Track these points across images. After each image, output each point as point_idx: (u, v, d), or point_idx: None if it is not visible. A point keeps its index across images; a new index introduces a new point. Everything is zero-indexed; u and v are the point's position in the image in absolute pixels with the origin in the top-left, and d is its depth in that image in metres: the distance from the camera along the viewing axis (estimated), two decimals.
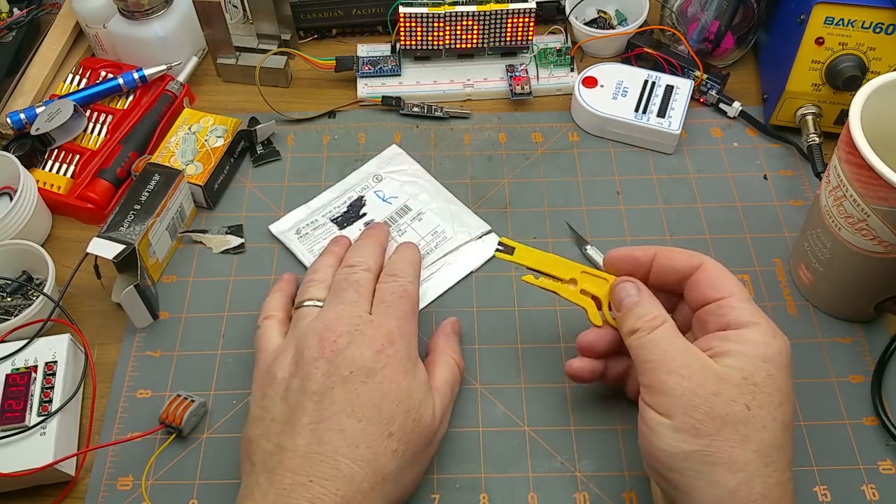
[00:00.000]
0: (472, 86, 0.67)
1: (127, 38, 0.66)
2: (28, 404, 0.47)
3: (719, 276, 0.42)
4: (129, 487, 0.47)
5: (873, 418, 0.48)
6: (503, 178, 0.61)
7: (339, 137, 0.65)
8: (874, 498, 0.45)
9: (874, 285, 0.49)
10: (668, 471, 0.39)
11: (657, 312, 0.42)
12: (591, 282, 0.46)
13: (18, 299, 0.54)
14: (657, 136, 0.62)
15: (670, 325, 0.41)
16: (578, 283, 0.46)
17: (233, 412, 0.49)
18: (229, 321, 0.54)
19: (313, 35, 0.72)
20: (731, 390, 0.38)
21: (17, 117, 0.61)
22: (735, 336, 0.40)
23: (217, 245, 0.58)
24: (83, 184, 0.60)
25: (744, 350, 0.39)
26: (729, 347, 0.39)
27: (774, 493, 0.37)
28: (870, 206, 0.44)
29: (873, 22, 0.55)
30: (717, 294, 0.42)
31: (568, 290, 0.46)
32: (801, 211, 0.58)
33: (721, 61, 0.68)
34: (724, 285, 0.42)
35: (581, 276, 0.46)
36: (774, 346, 0.39)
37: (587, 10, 0.71)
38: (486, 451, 0.48)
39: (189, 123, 0.61)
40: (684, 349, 0.40)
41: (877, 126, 0.44)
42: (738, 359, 0.39)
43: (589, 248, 0.56)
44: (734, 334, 0.40)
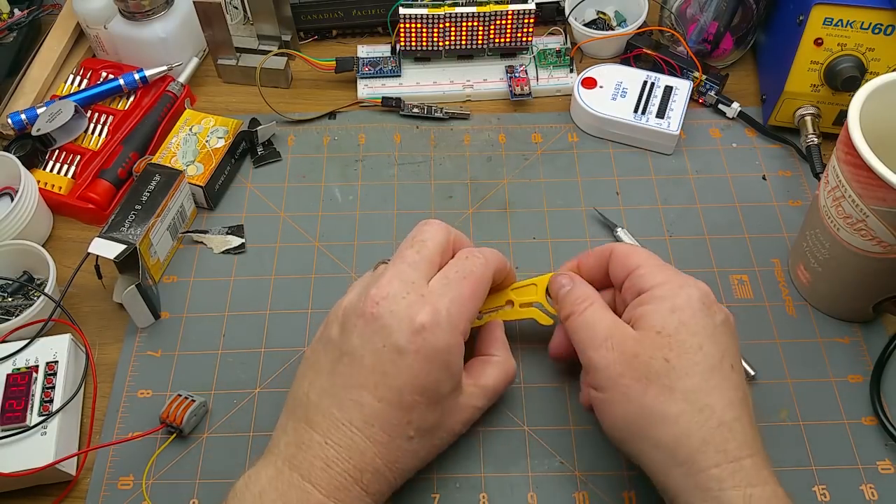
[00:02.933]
0: (471, 86, 0.67)
1: (128, 38, 0.66)
2: (29, 404, 0.47)
3: (627, 255, 0.44)
4: (129, 487, 0.47)
5: (872, 418, 0.48)
6: (503, 178, 0.61)
7: (340, 138, 0.65)
8: (873, 497, 0.45)
9: (873, 285, 0.49)
10: (620, 444, 0.40)
11: (586, 294, 0.44)
12: (524, 293, 0.49)
13: (19, 299, 0.54)
14: (656, 137, 0.62)
15: (598, 303, 0.43)
16: (514, 300, 0.49)
17: (233, 412, 0.50)
18: (230, 321, 0.54)
19: (314, 36, 0.72)
20: (648, 348, 0.39)
21: (18, 118, 0.61)
22: (647, 298, 0.41)
23: (218, 245, 0.58)
24: (84, 184, 0.60)
25: (653, 308, 0.40)
26: (641, 311, 0.41)
27: (717, 436, 0.37)
28: (868, 207, 0.44)
29: (872, 23, 0.55)
30: (626, 270, 0.43)
31: (509, 312, 0.49)
32: (799, 211, 0.58)
33: (720, 62, 0.68)
34: (631, 261, 0.43)
35: (513, 294, 0.49)
36: (682, 295, 0.40)
37: (586, 11, 0.72)
38: (486, 450, 0.48)
39: (190, 124, 0.61)
40: (609, 323, 0.41)
41: (875, 127, 0.44)
42: (649, 317, 0.40)
43: (619, 230, 0.57)
44: (646, 296, 0.41)
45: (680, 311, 0.40)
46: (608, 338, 0.41)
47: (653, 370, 0.38)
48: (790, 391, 0.49)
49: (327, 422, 0.39)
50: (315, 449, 0.39)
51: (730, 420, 0.38)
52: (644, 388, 0.38)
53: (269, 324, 0.54)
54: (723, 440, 0.37)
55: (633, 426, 0.39)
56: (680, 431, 0.37)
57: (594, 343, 0.41)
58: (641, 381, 0.39)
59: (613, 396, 0.40)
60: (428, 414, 0.40)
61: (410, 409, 0.39)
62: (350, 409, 0.39)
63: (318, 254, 0.57)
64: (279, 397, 0.50)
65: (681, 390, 0.38)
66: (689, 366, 0.38)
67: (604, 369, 0.40)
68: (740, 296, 0.54)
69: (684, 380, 0.38)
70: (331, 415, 0.39)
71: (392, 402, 0.39)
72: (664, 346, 0.39)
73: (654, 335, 0.39)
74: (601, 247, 0.46)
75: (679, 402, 0.38)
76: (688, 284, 0.41)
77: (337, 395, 0.39)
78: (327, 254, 0.57)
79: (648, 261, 0.43)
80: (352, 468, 0.38)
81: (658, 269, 0.42)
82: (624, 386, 0.39)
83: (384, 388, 0.39)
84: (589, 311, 0.43)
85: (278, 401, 0.50)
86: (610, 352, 0.40)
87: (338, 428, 0.39)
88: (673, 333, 0.39)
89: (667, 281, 0.41)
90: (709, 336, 0.39)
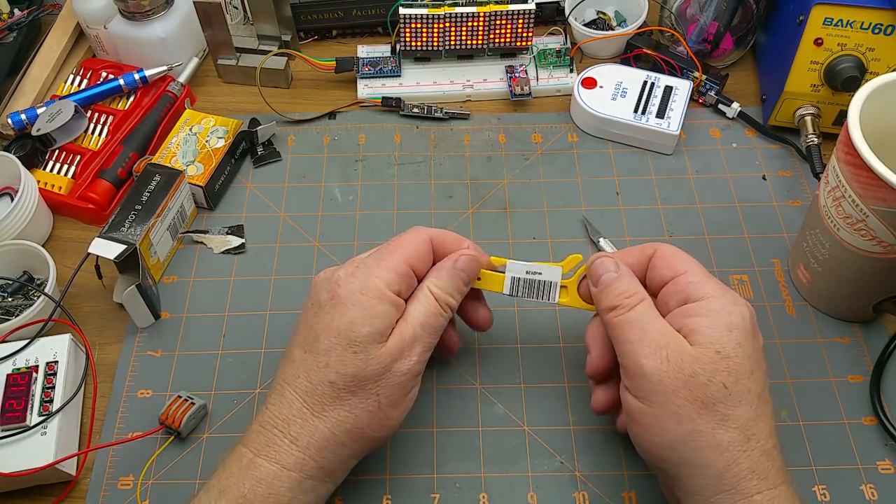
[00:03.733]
0: (471, 86, 0.67)
1: (128, 38, 0.66)
2: (29, 404, 0.47)
3: (673, 256, 0.42)
4: (129, 487, 0.47)
5: (872, 418, 0.48)
6: (503, 178, 0.61)
7: (340, 138, 0.65)
8: (873, 497, 0.45)
9: (873, 285, 0.49)
10: (658, 461, 0.39)
11: (636, 289, 0.42)
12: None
13: (19, 299, 0.54)
14: (656, 137, 0.62)
15: (648, 302, 0.41)
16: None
17: (233, 412, 0.50)
18: (230, 321, 0.54)
19: (313, 36, 0.72)
20: (707, 369, 0.38)
21: (18, 118, 0.61)
22: (697, 308, 0.39)
23: (218, 245, 0.58)
24: (84, 184, 0.60)
25: (709, 322, 0.39)
26: (695, 323, 0.39)
27: (762, 464, 0.37)
28: (868, 207, 0.44)
29: (872, 23, 0.55)
30: (671, 273, 0.42)
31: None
32: (799, 211, 0.58)
33: (720, 62, 0.68)
34: (678, 264, 0.42)
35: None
36: (737, 313, 0.39)
37: (586, 11, 0.72)
38: (486, 450, 0.48)
39: (190, 124, 0.61)
40: (662, 329, 0.39)
41: (875, 126, 0.44)
42: (706, 333, 0.38)
43: (602, 240, 0.56)
44: (696, 307, 0.40)
45: (737, 331, 0.38)
46: (663, 346, 0.38)
47: (710, 394, 0.37)
48: (790, 391, 0.50)
49: (273, 389, 0.42)
50: (259, 417, 0.41)
51: (770, 448, 0.38)
52: (698, 411, 0.37)
53: (269, 324, 0.54)
54: (766, 468, 0.37)
55: (679, 447, 0.38)
56: (731, 459, 0.37)
57: (647, 348, 0.38)
58: (696, 403, 0.37)
59: (662, 413, 0.38)
60: (346, 356, 0.40)
61: (328, 353, 0.40)
62: (285, 368, 0.42)
63: (318, 254, 0.57)
64: None
65: (734, 418, 0.37)
66: (743, 392, 0.38)
67: (657, 382, 0.38)
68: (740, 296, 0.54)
69: (738, 408, 0.37)
70: (274, 383, 0.42)
71: (311, 349, 0.41)
72: (723, 369, 0.37)
73: (713, 354, 0.38)
74: (644, 245, 0.44)
75: (732, 430, 0.37)
76: (739, 302, 0.40)
77: (281, 362, 0.43)
78: (327, 254, 0.57)
79: (697, 268, 0.41)
80: (280, 422, 0.40)
81: (707, 279, 0.41)
82: (676, 405, 0.37)
83: (306, 339, 0.41)
84: (640, 309, 0.40)
85: None
86: (665, 363, 0.38)
87: (275, 391, 0.41)
88: (732, 355, 0.38)
89: (719, 295, 0.40)
90: (757, 361, 0.39)
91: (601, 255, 0.44)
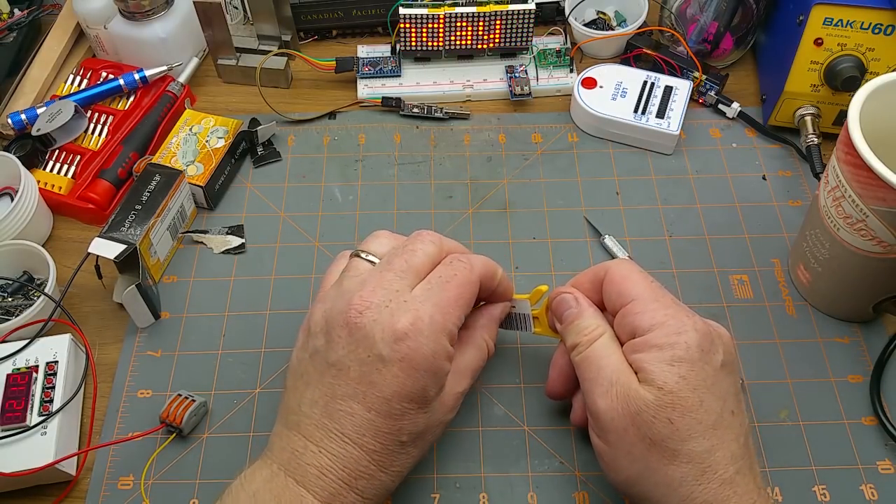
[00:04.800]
0: (471, 86, 0.67)
1: (128, 38, 0.66)
2: (29, 404, 0.47)
3: (622, 281, 0.42)
4: (129, 487, 0.47)
5: (872, 418, 0.48)
6: (503, 178, 0.61)
7: (340, 138, 0.65)
8: (873, 497, 0.45)
9: (873, 285, 0.49)
10: (624, 494, 0.40)
11: (595, 325, 0.42)
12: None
13: (19, 299, 0.54)
14: (656, 137, 0.62)
15: (607, 336, 0.41)
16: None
17: (233, 412, 0.50)
18: (230, 321, 0.54)
19: (313, 36, 0.72)
20: (651, 406, 0.37)
21: (18, 118, 0.61)
22: (642, 344, 0.39)
23: (218, 245, 0.58)
24: (84, 184, 0.60)
25: (651, 358, 0.38)
26: (639, 360, 0.39)
27: (721, 494, 0.37)
28: (868, 207, 0.44)
29: (872, 23, 0.55)
30: (621, 300, 0.41)
31: None
32: (799, 211, 0.58)
33: (720, 62, 0.68)
34: (627, 290, 0.41)
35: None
36: (681, 343, 0.38)
37: (586, 11, 0.72)
38: (486, 450, 0.48)
39: (190, 124, 0.61)
40: (615, 366, 0.40)
41: (875, 127, 0.44)
42: (649, 370, 0.38)
43: (606, 238, 0.56)
44: (640, 342, 0.39)
45: (679, 364, 0.38)
46: (613, 384, 0.39)
47: (656, 431, 0.37)
48: (790, 391, 0.50)
49: (320, 432, 0.39)
50: (309, 457, 0.39)
51: (731, 475, 0.37)
52: (648, 448, 0.38)
53: (269, 324, 0.54)
54: (725, 498, 0.37)
55: (638, 483, 0.38)
56: (685, 494, 0.37)
57: (600, 387, 0.39)
58: (645, 440, 0.37)
59: (617, 451, 0.39)
60: (418, 418, 0.40)
61: (400, 417, 0.39)
62: (341, 420, 0.39)
63: (318, 254, 0.57)
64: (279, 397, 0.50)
65: (684, 453, 0.37)
66: (692, 425, 0.37)
67: (608, 421, 0.39)
68: (740, 296, 0.54)
69: (688, 442, 0.37)
70: (323, 425, 0.39)
71: (381, 411, 0.39)
72: (667, 405, 0.37)
73: (655, 391, 0.38)
74: (595, 268, 0.44)
75: (683, 465, 0.37)
76: (685, 329, 0.39)
77: (327, 406, 0.39)
78: (327, 254, 0.57)
79: (644, 293, 0.41)
80: (346, 475, 0.38)
81: (653, 306, 0.40)
82: (628, 443, 0.38)
83: (372, 398, 0.38)
84: (598, 346, 0.41)
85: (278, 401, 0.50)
86: (614, 401, 0.38)
87: (330, 438, 0.39)
88: (675, 390, 0.37)
89: (663, 322, 0.39)
90: (709, 388, 0.38)
91: (560, 290, 0.45)
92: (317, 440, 0.39)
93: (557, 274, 0.55)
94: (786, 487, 0.46)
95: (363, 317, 0.39)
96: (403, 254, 0.42)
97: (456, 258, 0.42)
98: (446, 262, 0.42)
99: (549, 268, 0.56)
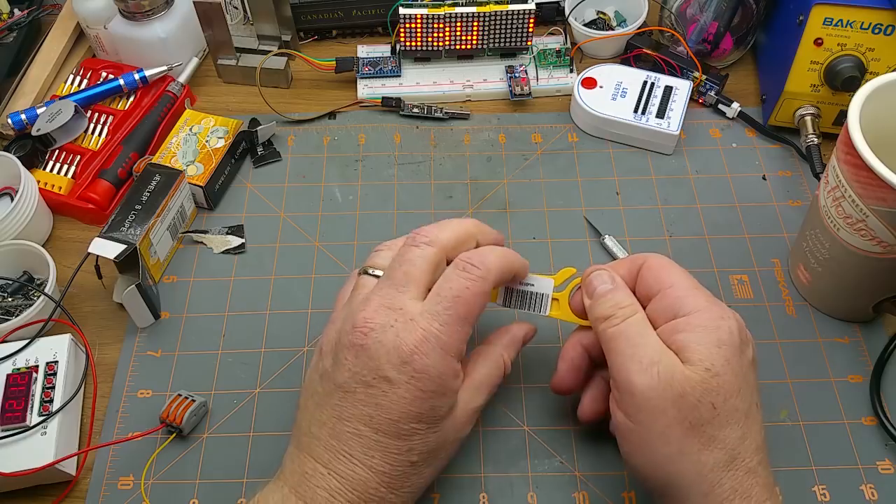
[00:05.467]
0: (471, 87, 0.67)
1: (128, 38, 0.66)
2: (29, 404, 0.47)
3: (661, 268, 0.42)
4: (129, 487, 0.47)
5: (872, 418, 0.48)
6: (503, 178, 0.61)
7: (340, 138, 0.65)
8: (873, 497, 0.45)
9: (873, 285, 0.49)
10: (644, 480, 0.39)
11: (630, 301, 0.41)
12: None
13: (19, 299, 0.54)
14: (656, 137, 0.62)
15: (642, 315, 0.40)
16: None
17: (233, 412, 0.50)
18: (230, 321, 0.54)
19: (313, 36, 0.72)
20: (697, 388, 0.37)
21: (18, 118, 0.61)
22: (685, 324, 0.39)
23: (218, 245, 0.58)
24: (84, 184, 0.60)
25: (698, 338, 0.38)
26: (684, 339, 0.38)
27: (745, 483, 0.37)
28: (868, 207, 0.44)
29: (872, 23, 0.55)
30: (658, 286, 0.41)
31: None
32: (799, 211, 0.58)
33: (720, 62, 0.68)
34: (666, 277, 0.41)
35: None
36: (725, 328, 0.38)
37: (586, 11, 0.72)
38: (486, 450, 0.48)
39: (190, 124, 0.61)
40: (655, 344, 0.39)
41: (875, 127, 0.44)
42: (696, 350, 0.38)
43: (606, 238, 0.56)
44: (684, 322, 0.39)
45: (726, 347, 0.38)
46: (655, 362, 0.37)
47: (698, 415, 0.37)
48: (790, 391, 0.50)
49: (328, 454, 0.38)
50: (318, 479, 0.38)
51: (755, 465, 0.37)
52: (685, 432, 0.37)
53: (269, 324, 0.54)
54: (749, 486, 0.37)
55: (665, 467, 0.38)
56: (714, 481, 0.37)
57: (638, 363, 0.38)
58: (684, 424, 0.37)
59: (649, 433, 0.37)
60: (429, 437, 0.39)
61: (410, 437, 0.38)
62: (349, 441, 0.38)
63: (318, 254, 0.57)
64: (279, 397, 0.50)
65: (720, 439, 0.37)
66: (730, 412, 0.37)
67: (646, 400, 0.37)
68: (740, 296, 0.54)
69: (725, 429, 0.37)
70: (331, 447, 0.39)
71: (389, 433, 0.38)
72: (713, 388, 0.37)
73: (703, 373, 0.37)
74: (633, 256, 0.43)
75: (717, 451, 0.37)
76: (727, 315, 0.39)
77: (335, 427, 0.39)
78: (327, 254, 0.57)
79: (684, 281, 0.41)
80: (356, 498, 0.38)
81: (695, 292, 0.40)
82: (664, 425, 0.37)
83: (379, 420, 0.38)
84: (633, 322, 0.40)
85: (278, 401, 0.50)
86: (655, 380, 0.37)
87: (339, 459, 0.38)
88: (721, 373, 0.37)
89: (706, 308, 0.39)
90: (744, 377, 0.38)
91: (597, 267, 0.44)
92: (325, 462, 0.38)
93: None
94: (786, 487, 0.46)
95: (368, 338, 0.38)
96: (402, 264, 0.40)
97: (470, 264, 0.40)
98: (459, 267, 0.40)
99: (550, 268, 0.56)
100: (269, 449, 0.48)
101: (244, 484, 0.47)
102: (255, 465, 0.47)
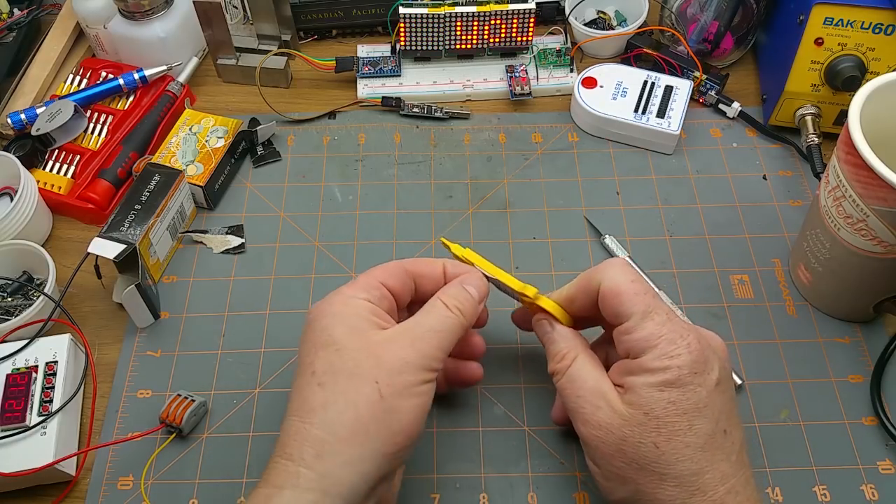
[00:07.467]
0: (471, 86, 0.67)
1: (127, 38, 0.66)
2: (28, 404, 0.47)
3: (614, 297, 0.40)
4: (129, 487, 0.47)
5: (872, 418, 0.48)
6: (503, 178, 0.61)
7: (340, 138, 0.65)
8: (873, 498, 0.45)
9: (873, 285, 0.49)
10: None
11: (567, 348, 0.42)
12: None
13: (19, 299, 0.54)
14: (657, 137, 0.62)
15: (580, 359, 0.41)
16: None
17: (233, 412, 0.49)
18: (229, 321, 0.54)
19: (313, 36, 0.72)
20: (636, 431, 0.37)
21: (18, 118, 0.61)
22: (635, 366, 0.39)
23: (217, 245, 0.58)
24: (84, 184, 0.60)
25: (642, 382, 0.38)
26: (630, 382, 0.38)
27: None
28: (869, 207, 0.44)
29: (872, 22, 0.55)
30: (615, 319, 0.40)
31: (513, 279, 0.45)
32: (800, 211, 0.58)
33: (720, 62, 0.68)
34: (619, 308, 0.40)
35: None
36: (673, 368, 0.37)
37: (587, 10, 0.72)
38: (486, 450, 0.48)
39: (190, 124, 0.61)
40: (594, 389, 0.39)
41: (876, 126, 0.44)
42: (639, 393, 0.38)
43: (607, 238, 0.56)
44: (634, 364, 0.39)
45: (669, 390, 0.37)
46: (595, 411, 0.39)
47: (642, 456, 0.37)
48: (790, 391, 0.49)
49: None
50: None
51: (721, 496, 0.37)
52: (636, 472, 0.37)
53: (269, 324, 0.54)
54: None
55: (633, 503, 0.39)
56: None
57: (581, 416, 0.39)
58: (632, 465, 0.37)
59: (608, 474, 0.39)
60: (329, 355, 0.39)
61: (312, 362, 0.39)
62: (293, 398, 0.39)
63: (318, 254, 0.57)
64: (279, 397, 0.50)
65: (672, 476, 0.37)
66: (679, 449, 0.37)
67: (596, 448, 0.39)
68: (740, 296, 0.54)
69: (675, 465, 0.37)
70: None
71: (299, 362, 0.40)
72: (652, 430, 0.37)
73: (641, 416, 0.37)
74: (587, 275, 0.42)
75: (671, 488, 0.37)
76: (677, 352, 0.38)
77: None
78: (327, 254, 0.57)
79: (636, 308, 0.39)
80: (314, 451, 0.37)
81: (646, 324, 0.39)
82: (617, 468, 0.38)
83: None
84: (572, 370, 0.41)
85: (278, 401, 0.50)
86: (598, 429, 0.39)
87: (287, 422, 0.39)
88: (661, 415, 0.37)
89: (656, 345, 0.38)
90: (700, 410, 0.37)
91: (540, 316, 0.44)
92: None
93: (557, 274, 0.55)
94: (786, 487, 0.46)
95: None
96: None
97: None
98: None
99: (550, 268, 0.56)
100: (268, 449, 0.47)
101: (244, 484, 0.46)
102: (255, 465, 0.47)
